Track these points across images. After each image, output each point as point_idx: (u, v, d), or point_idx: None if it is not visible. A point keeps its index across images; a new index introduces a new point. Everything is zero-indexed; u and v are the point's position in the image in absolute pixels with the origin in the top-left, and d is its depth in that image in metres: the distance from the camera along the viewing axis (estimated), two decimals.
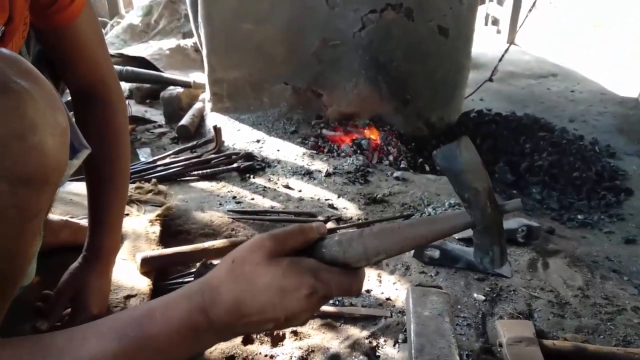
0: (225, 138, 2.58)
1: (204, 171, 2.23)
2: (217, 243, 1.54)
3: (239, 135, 2.68)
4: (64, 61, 1.04)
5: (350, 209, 2.00)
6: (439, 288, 1.39)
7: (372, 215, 1.96)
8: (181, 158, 2.34)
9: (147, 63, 3.56)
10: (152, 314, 0.61)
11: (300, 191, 2.14)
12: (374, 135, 2.78)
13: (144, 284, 1.30)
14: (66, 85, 1.10)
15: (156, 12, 4.58)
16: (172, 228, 1.69)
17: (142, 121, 2.99)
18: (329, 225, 1.82)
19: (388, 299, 1.48)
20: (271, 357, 1.21)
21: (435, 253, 1.63)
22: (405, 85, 2.93)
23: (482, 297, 1.50)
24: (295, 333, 1.29)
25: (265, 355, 1.21)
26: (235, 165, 2.29)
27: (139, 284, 1.30)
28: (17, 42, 0.88)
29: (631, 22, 4.69)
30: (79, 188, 1.64)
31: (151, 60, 3.57)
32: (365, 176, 2.30)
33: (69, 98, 1.12)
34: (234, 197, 2.04)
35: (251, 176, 2.24)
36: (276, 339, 1.27)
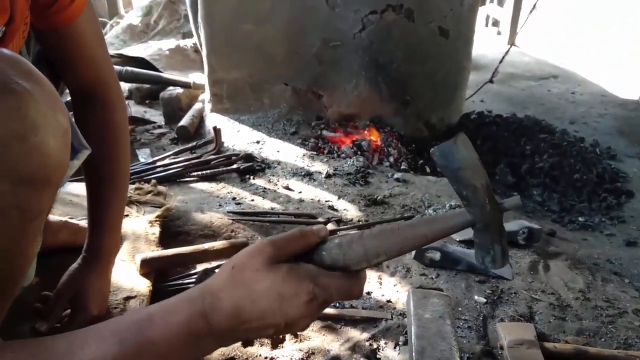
0: (225, 139, 2.57)
1: (204, 172, 2.23)
2: (217, 244, 1.54)
3: (238, 136, 2.67)
4: (64, 61, 1.04)
5: (350, 211, 2.00)
6: (440, 290, 1.38)
7: (372, 217, 1.96)
8: (181, 159, 2.34)
9: (147, 63, 3.55)
10: (152, 319, 0.61)
11: (300, 192, 2.13)
12: (374, 137, 2.78)
13: (144, 285, 1.30)
14: (66, 85, 1.10)
15: (156, 13, 4.57)
16: (172, 229, 1.69)
17: (141, 122, 2.98)
18: (329, 226, 1.82)
19: (389, 301, 1.47)
20: (271, 359, 1.20)
21: (436, 255, 1.63)
22: (405, 87, 2.93)
23: (483, 300, 1.49)
24: (295, 335, 1.28)
25: (265, 358, 1.20)
26: (235, 166, 2.28)
27: (139, 285, 1.29)
28: (17, 42, 0.87)
29: (631, 22, 4.69)
30: (78, 189, 1.64)
31: (151, 61, 3.57)
32: (366, 177, 2.30)
33: (69, 98, 1.12)
34: (234, 198, 2.04)
35: (251, 177, 2.24)
36: (276, 341, 1.26)
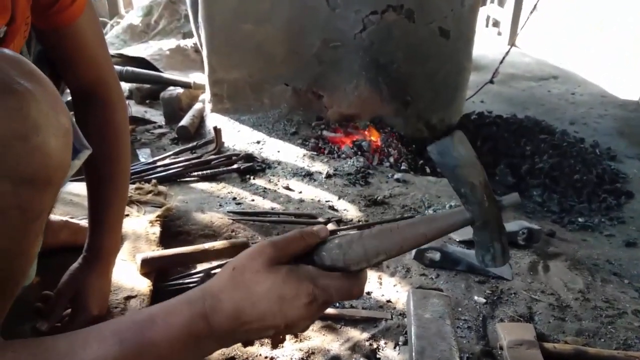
0: (225, 139, 2.57)
1: (204, 172, 2.23)
2: (217, 244, 1.54)
3: (239, 136, 2.68)
4: (64, 61, 1.04)
5: (350, 211, 2.00)
6: (440, 290, 1.39)
7: (372, 217, 1.96)
8: (181, 159, 2.34)
9: (147, 63, 3.56)
10: (153, 320, 0.61)
11: (300, 192, 2.13)
12: (374, 137, 2.78)
13: (144, 285, 1.30)
14: (66, 85, 1.10)
15: (156, 13, 4.58)
16: (172, 229, 1.69)
17: (142, 122, 2.98)
18: (330, 227, 1.82)
19: (389, 301, 1.47)
20: (271, 358, 1.21)
21: (436, 255, 1.63)
22: (405, 87, 2.93)
23: (482, 300, 1.50)
24: (295, 335, 1.28)
25: (266, 357, 1.20)
26: (235, 166, 2.28)
27: (139, 285, 1.29)
28: (18, 43, 0.87)
29: (631, 22, 4.68)
30: (79, 188, 1.64)
31: (151, 61, 3.57)
32: (366, 178, 2.30)
33: (69, 98, 1.12)
34: (234, 198, 2.04)
35: (251, 177, 2.24)
36: (276, 341, 1.26)
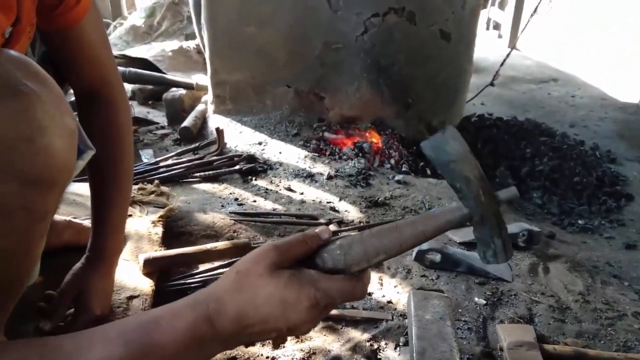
0: (227, 140, 2.58)
1: (206, 173, 2.24)
2: (219, 245, 1.55)
3: (241, 137, 2.68)
4: (68, 62, 1.04)
5: (351, 212, 2.01)
6: (441, 292, 1.39)
7: (373, 219, 1.96)
8: (183, 160, 2.35)
9: (150, 64, 3.57)
10: (158, 322, 0.62)
11: (302, 194, 2.14)
12: (375, 139, 2.79)
13: (147, 285, 1.31)
14: (70, 86, 1.10)
15: (159, 14, 4.59)
16: (175, 229, 1.70)
17: (144, 122, 2.99)
18: (331, 227, 1.83)
19: (389, 302, 1.48)
20: (272, 359, 1.21)
21: (437, 257, 1.64)
22: (407, 89, 2.94)
23: (483, 301, 1.50)
24: (296, 335, 1.29)
25: (267, 357, 1.21)
26: (237, 167, 2.29)
27: (142, 285, 1.30)
28: (23, 44, 0.88)
29: (631, 22, 4.68)
30: (82, 189, 1.65)
31: (154, 62, 3.58)
32: (367, 179, 2.30)
33: (72, 99, 1.13)
34: (236, 199, 2.05)
35: (253, 178, 2.25)
36: (278, 341, 1.27)
